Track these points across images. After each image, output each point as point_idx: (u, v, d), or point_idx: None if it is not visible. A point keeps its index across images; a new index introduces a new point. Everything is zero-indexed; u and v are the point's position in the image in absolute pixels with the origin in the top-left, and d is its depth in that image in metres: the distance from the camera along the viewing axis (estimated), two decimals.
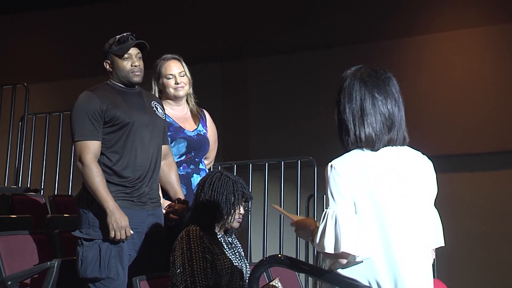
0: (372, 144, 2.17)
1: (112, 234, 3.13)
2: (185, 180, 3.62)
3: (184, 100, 3.79)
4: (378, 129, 2.18)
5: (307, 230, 2.25)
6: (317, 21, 7.80)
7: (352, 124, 2.19)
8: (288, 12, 7.98)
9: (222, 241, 3.05)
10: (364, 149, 2.18)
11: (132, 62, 3.36)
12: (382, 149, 2.19)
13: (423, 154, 2.28)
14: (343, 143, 2.22)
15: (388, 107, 2.20)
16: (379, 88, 2.21)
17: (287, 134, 7.65)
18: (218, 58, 8.26)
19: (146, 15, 8.49)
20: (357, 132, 2.18)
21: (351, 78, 2.24)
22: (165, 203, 3.47)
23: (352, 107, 2.20)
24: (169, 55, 3.77)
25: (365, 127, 2.17)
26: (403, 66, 7.08)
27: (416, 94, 6.90)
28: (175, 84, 3.71)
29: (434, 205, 2.27)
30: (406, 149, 2.24)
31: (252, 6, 8.13)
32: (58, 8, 8.94)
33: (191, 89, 3.80)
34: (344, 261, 2.11)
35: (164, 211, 3.44)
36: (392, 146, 2.20)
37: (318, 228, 2.14)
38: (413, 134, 2.29)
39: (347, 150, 2.21)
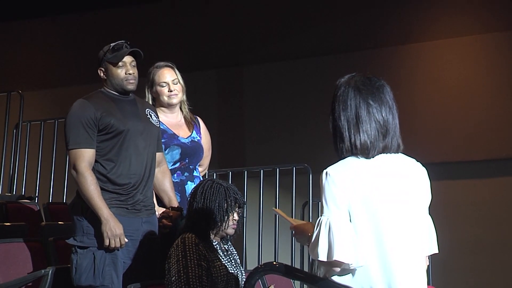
0: (367, 152, 2.18)
1: (106, 242, 3.13)
2: (179, 187, 3.62)
3: (177, 108, 3.79)
4: (373, 136, 2.18)
5: (305, 236, 2.25)
6: (313, 28, 7.82)
7: (347, 131, 2.20)
8: (284, 19, 8.00)
9: (218, 249, 3.05)
10: (359, 156, 2.18)
11: (126, 70, 3.36)
12: (376, 156, 2.19)
13: (418, 161, 2.28)
14: (338, 150, 2.23)
15: (383, 115, 2.21)
16: (374, 95, 2.22)
17: (282, 141, 7.65)
18: (214, 66, 8.27)
19: (141, 23, 8.50)
20: (352, 140, 2.19)
21: (345, 86, 2.25)
22: (159, 210, 3.47)
23: (347, 114, 2.21)
24: (162, 63, 3.77)
25: (360, 135, 2.18)
26: (399, 74, 7.10)
27: (411, 101, 6.92)
28: (168, 91, 3.71)
29: (429, 212, 2.28)
30: (400, 156, 2.25)
31: (248, 14, 8.15)
32: (52, 16, 8.94)
33: (184, 97, 3.80)
34: (338, 269, 2.11)
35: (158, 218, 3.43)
36: (386, 153, 2.20)
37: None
38: (408, 141, 2.30)
39: (341, 157, 2.21)
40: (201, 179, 3.72)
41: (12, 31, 9.18)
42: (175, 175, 3.64)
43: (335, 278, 2.13)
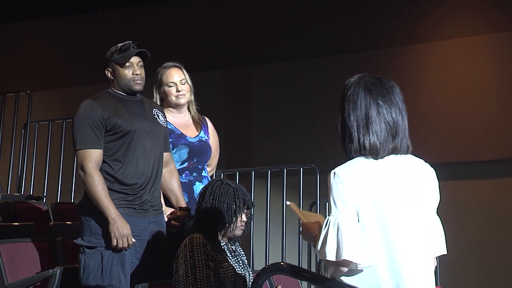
0: (376, 152, 2.17)
1: (114, 242, 3.13)
2: (187, 187, 3.62)
3: (185, 108, 3.80)
4: (382, 137, 2.18)
5: (310, 235, 2.25)
6: (320, 28, 7.82)
7: (356, 131, 2.19)
8: (291, 19, 8.00)
9: (226, 249, 3.05)
10: (368, 157, 2.18)
11: (133, 70, 3.36)
12: (385, 157, 2.19)
13: (426, 162, 2.28)
14: (346, 150, 2.22)
15: (393, 115, 2.20)
16: (384, 96, 2.22)
17: (289, 141, 7.65)
18: (221, 66, 8.27)
19: (148, 23, 8.52)
20: (361, 140, 2.18)
21: (355, 86, 2.24)
22: (167, 210, 3.48)
23: (357, 114, 2.20)
24: (170, 63, 3.77)
25: (370, 135, 2.18)
26: (406, 74, 7.08)
27: (418, 101, 6.90)
28: (176, 92, 3.72)
29: (437, 212, 2.27)
30: (409, 157, 2.24)
31: (255, 14, 8.15)
32: (60, 16, 8.97)
33: (192, 97, 3.80)
34: (345, 269, 2.11)
35: (166, 218, 3.44)
36: (396, 154, 2.20)
37: (320, 234, 2.14)
38: (415, 141, 2.30)
39: (350, 157, 2.21)
40: (209, 179, 3.72)
41: (20, 31, 9.22)
42: (183, 175, 3.64)
43: (343, 278, 2.13)
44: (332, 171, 2.16)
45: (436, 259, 2.34)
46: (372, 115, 2.19)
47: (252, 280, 3.05)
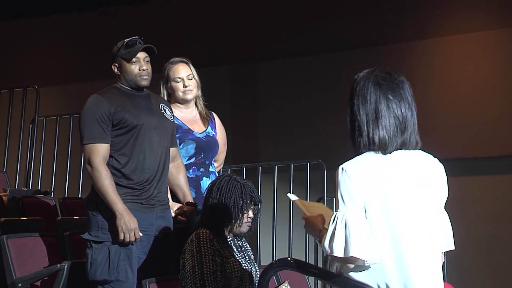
0: (384, 147, 2.16)
1: (121, 237, 3.14)
2: (194, 183, 3.63)
3: (192, 103, 3.80)
4: (391, 132, 2.17)
5: (314, 230, 2.25)
6: (327, 24, 7.80)
7: (365, 126, 2.18)
8: (298, 15, 7.98)
9: (232, 244, 3.05)
10: (376, 152, 2.17)
11: (140, 66, 3.37)
12: (394, 152, 2.18)
13: (434, 157, 2.27)
14: (355, 145, 2.21)
15: (402, 110, 2.19)
16: (393, 91, 2.21)
17: (296, 137, 7.64)
18: (228, 61, 8.27)
19: (155, 19, 8.52)
20: (371, 134, 2.17)
21: (365, 80, 2.23)
22: (174, 205, 3.48)
23: (366, 108, 2.19)
24: (177, 59, 3.77)
25: (379, 130, 2.17)
26: (414, 69, 7.06)
27: (426, 97, 6.87)
28: (183, 87, 3.72)
29: (444, 208, 2.27)
30: (418, 152, 2.23)
31: (262, 9, 8.13)
32: (68, 12, 8.99)
33: (199, 92, 3.80)
34: (352, 265, 2.10)
35: (173, 213, 3.44)
36: (404, 149, 2.19)
37: (325, 229, 2.14)
38: (423, 137, 2.29)
39: (358, 152, 2.20)
40: (217, 175, 3.72)
41: (28, 27, 9.24)
42: (191, 170, 3.64)
43: (351, 274, 2.13)
44: (340, 167, 2.15)
45: (444, 254, 2.34)
46: (381, 109, 2.18)
47: (258, 275, 3.05)
